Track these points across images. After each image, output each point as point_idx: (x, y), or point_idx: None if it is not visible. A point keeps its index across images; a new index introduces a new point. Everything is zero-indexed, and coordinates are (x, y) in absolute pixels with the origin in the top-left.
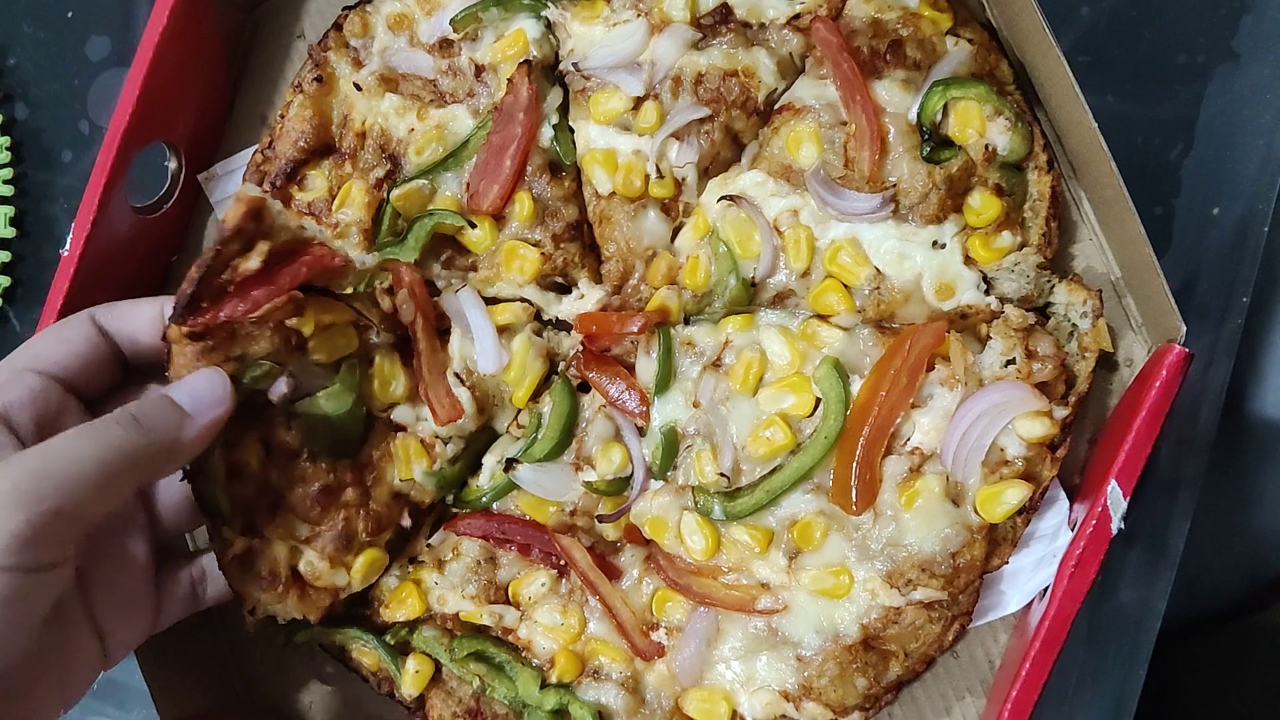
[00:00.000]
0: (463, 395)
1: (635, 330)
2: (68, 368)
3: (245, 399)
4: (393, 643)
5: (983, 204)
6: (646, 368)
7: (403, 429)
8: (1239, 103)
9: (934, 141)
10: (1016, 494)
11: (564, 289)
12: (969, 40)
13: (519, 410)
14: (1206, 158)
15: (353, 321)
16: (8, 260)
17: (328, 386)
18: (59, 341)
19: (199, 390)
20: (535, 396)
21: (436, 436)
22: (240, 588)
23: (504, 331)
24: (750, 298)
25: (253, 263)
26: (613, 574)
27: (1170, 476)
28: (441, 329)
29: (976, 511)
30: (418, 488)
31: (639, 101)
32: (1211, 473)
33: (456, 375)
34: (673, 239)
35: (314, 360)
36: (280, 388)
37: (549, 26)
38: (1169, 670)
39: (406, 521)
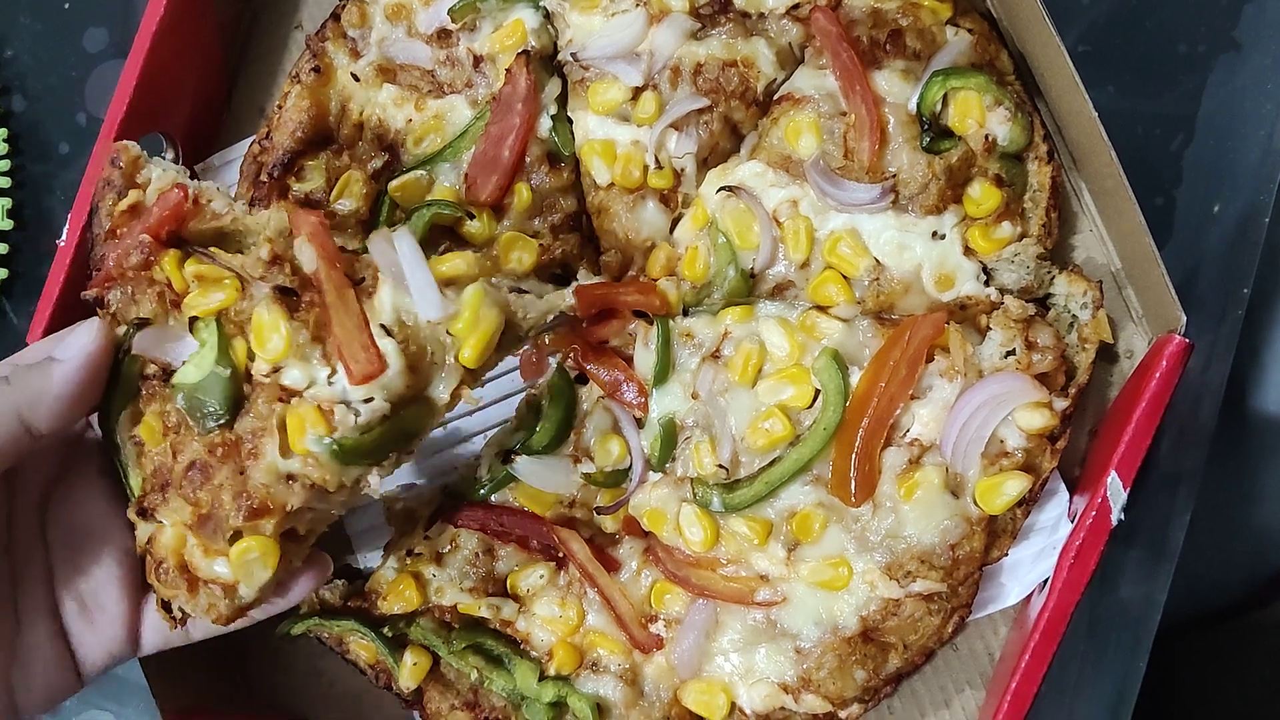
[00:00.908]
0: (387, 347)
1: (640, 296)
2: None
3: (139, 370)
4: (390, 635)
5: (983, 194)
6: (645, 359)
7: (295, 394)
8: (1240, 94)
9: (934, 132)
10: (1016, 485)
11: (563, 280)
12: (969, 30)
13: (463, 377)
14: (1207, 149)
15: (234, 274)
16: (5, 252)
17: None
18: None
19: (68, 336)
20: (484, 366)
21: (343, 402)
22: (148, 579)
23: (450, 285)
24: (749, 289)
25: (121, 205)
26: (611, 566)
27: (1170, 470)
28: (356, 281)
29: (976, 503)
30: (312, 462)
31: (638, 92)
32: (1213, 469)
33: (383, 328)
34: (672, 230)
35: (187, 319)
36: (134, 342)
37: (547, 16)
38: (1170, 666)
39: (294, 502)
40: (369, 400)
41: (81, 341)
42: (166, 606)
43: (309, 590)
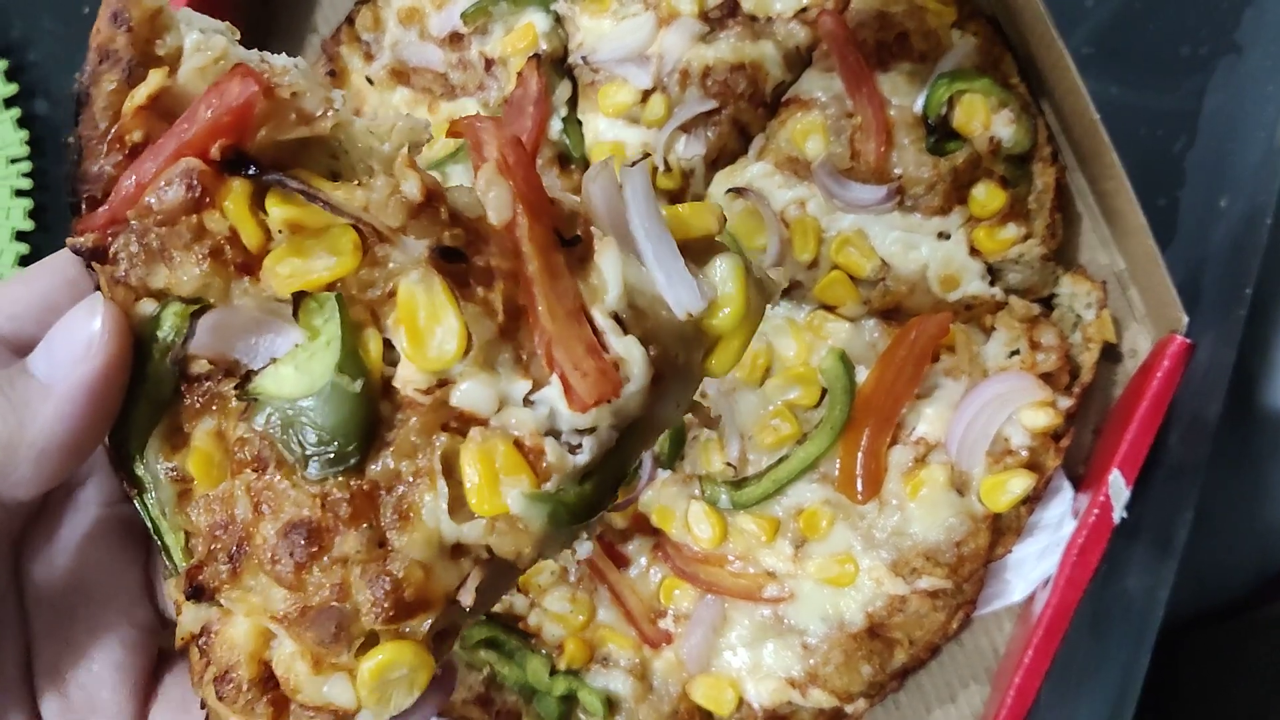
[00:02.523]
0: (631, 352)
1: None
2: None
3: (178, 368)
4: None
5: (988, 196)
6: None
7: (475, 422)
8: (1242, 95)
9: (939, 134)
10: (1021, 483)
11: None
12: (974, 33)
13: (699, 386)
14: (1209, 150)
15: (353, 224)
16: (27, 252)
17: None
18: None
19: (55, 343)
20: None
21: (551, 433)
22: (197, 688)
23: (686, 252)
24: None
25: (137, 95)
26: (621, 562)
27: (1174, 467)
28: (566, 242)
29: (981, 501)
30: (506, 527)
31: (647, 94)
32: (1219, 467)
33: (616, 318)
34: None
35: (274, 298)
36: (181, 341)
37: (558, 20)
38: (1175, 662)
39: (468, 598)
40: (590, 431)
41: (76, 343)
42: None
43: (430, 714)
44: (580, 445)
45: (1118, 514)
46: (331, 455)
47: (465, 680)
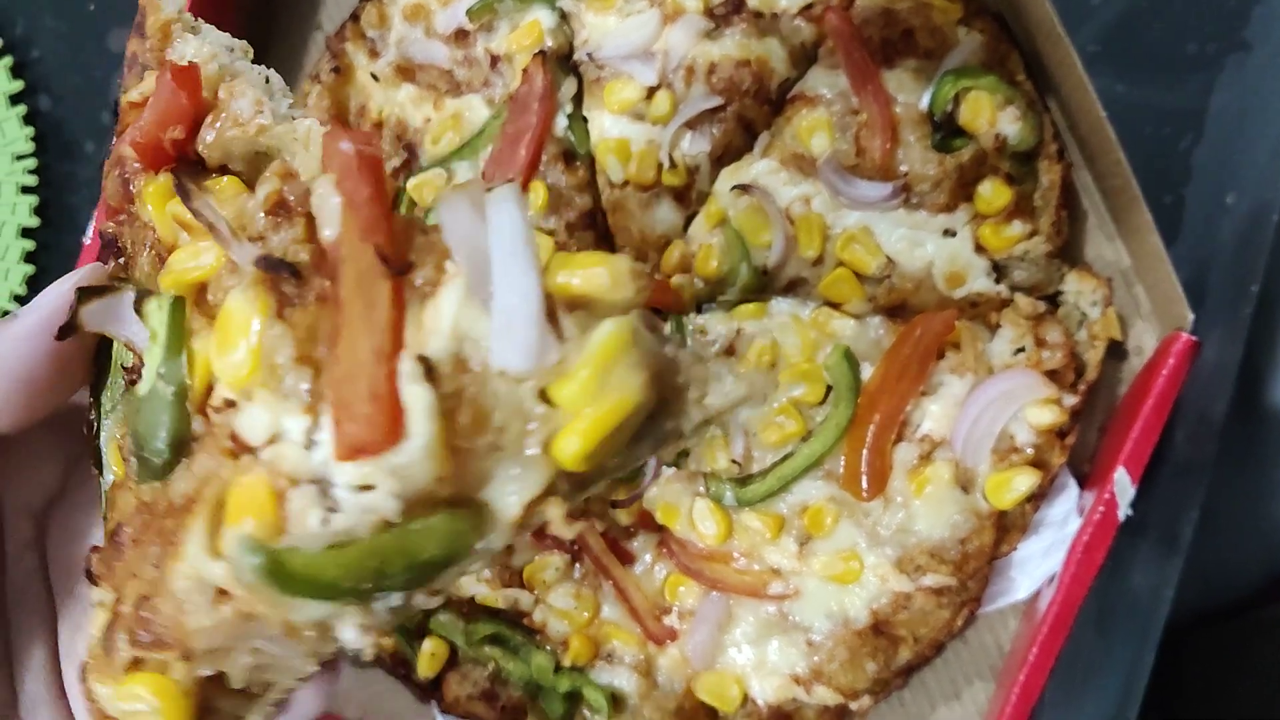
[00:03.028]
0: (415, 400)
1: (655, 294)
2: None
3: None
4: (408, 626)
5: (993, 193)
6: None
7: (247, 450)
8: (1249, 92)
9: (945, 131)
10: (1026, 481)
11: None
12: (980, 30)
13: (553, 481)
14: (1217, 147)
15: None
16: (32, 249)
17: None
18: None
19: (45, 293)
20: (598, 470)
21: (318, 481)
22: None
23: (576, 310)
24: (763, 286)
25: (130, 95)
26: (626, 559)
27: (1180, 465)
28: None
29: (986, 498)
30: (233, 576)
31: (652, 91)
32: (1226, 465)
33: (423, 362)
34: (685, 228)
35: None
36: (82, 313)
37: (564, 17)
38: (1181, 661)
39: (207, 639)
40: (365, 489)
41: (52, 293)
42: None
43: (321, 705)
44: (341, 504)
45: (1123, 511)
46: (144, 459)
47: (470, 676)
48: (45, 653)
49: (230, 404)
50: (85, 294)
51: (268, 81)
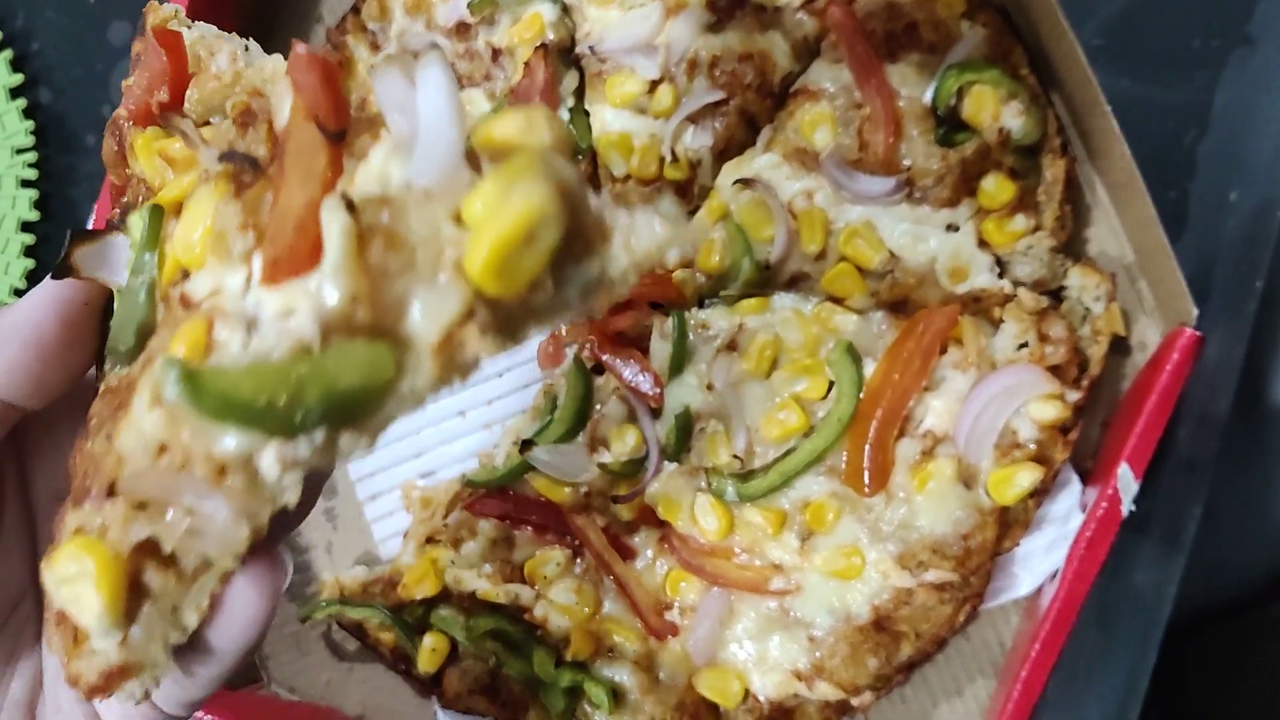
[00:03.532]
0: (332, 226)
1: (656, 288)
2: None
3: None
4: (410, 621)
5: (997, 187)
6: (661, 350)
7: (191, 305)
8: (1254, 88)
9: (948, 125)
10: (1028, 477)
11: None
12: (983, 24)
13: (470, 305)
14: (1221, 142)
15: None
16: (32, 243)
17: None
18: None
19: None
20: (526, 311)
21: (248, 319)
22: None
23: (499, 157)
24: (765, 280)
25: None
26: (627, 554)
27: (1183, 461)
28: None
29: (988, 494)
30: (164, 413)
31: (654, 85)
32: (1229, 462)
33: (345, 198)
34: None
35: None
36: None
37: (565, 10)
38: (1184, 659)
39: (138, 483)
40: (287, 316)
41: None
42: None
43: (256, 604)
44: (263, 329)
45: (1126, 508)
46: (116, 349)
47: (471, 671)
48: (27, 566)
49: (185, 275)
50: (78, 237)
51: (246, 49)
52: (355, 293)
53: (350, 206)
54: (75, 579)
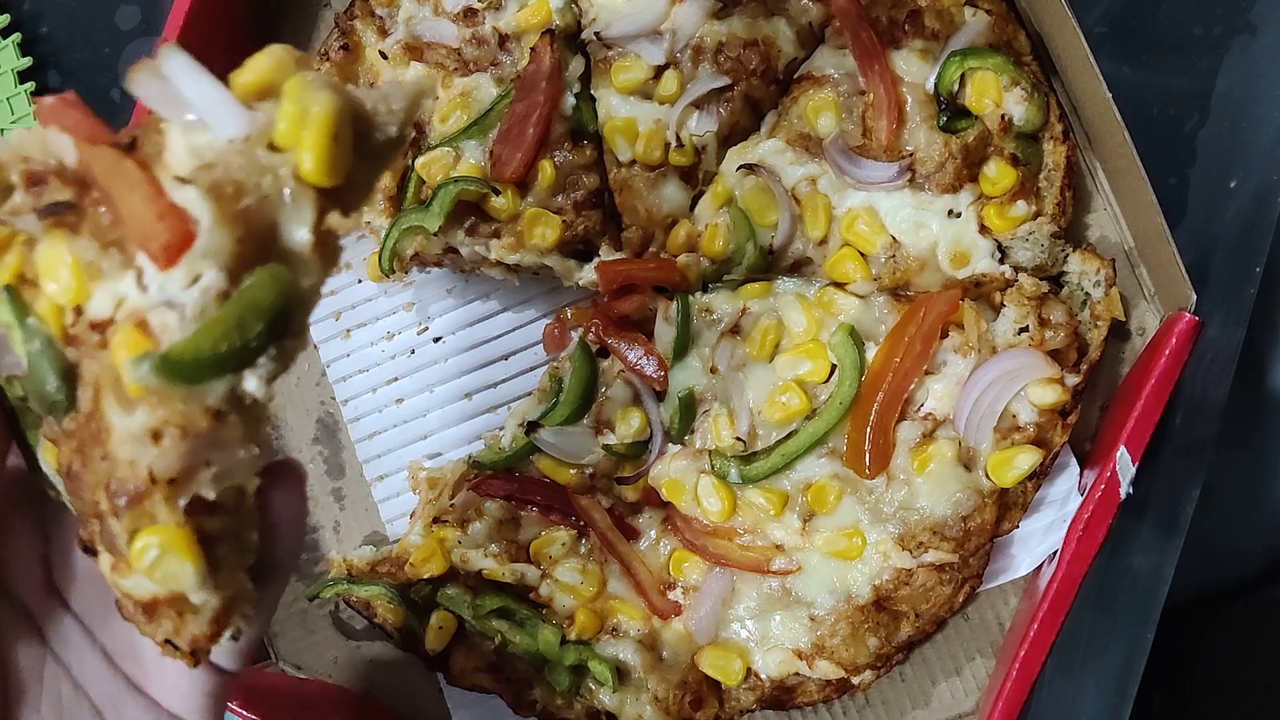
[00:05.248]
0: (187, 197)
1: (661, 272)
2: None
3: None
4: (416, 600)
5: (998, 173)
6: (665, 334)
7: (109, 325)
8: (1255, 74)
9: (951, 111)
10: (1028, 459)
11: (585, 256)
12: (986, 10)
13: (318, 202)
14: (1222, 129)
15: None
16: None
17: None
18: None
19: None
20: (354, 183)
21: (166, 304)
22: None
23: (264, 99)
24: (768, 265)
25: None
26: (631, 535)
27: (1181, 445)
28: (125, 146)
29: (988, 476)
30: (148, 398)
31: (660, 70)
32: (1228, 446)
33: (178, 180)
34: (692, 207)
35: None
36: None
37: None
38: (1183, 642)
39: (167, 464)
40: (196, 281)
41: None
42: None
43: (296, 505)
44: (186, 302)
45: (1124, 490)
46: (52, 407)
47: (478, 648)
48: (100, 661)
49: (79, 312)
50: None
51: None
52: (235, 237)
53: (187, 183)
54: (158, 562)
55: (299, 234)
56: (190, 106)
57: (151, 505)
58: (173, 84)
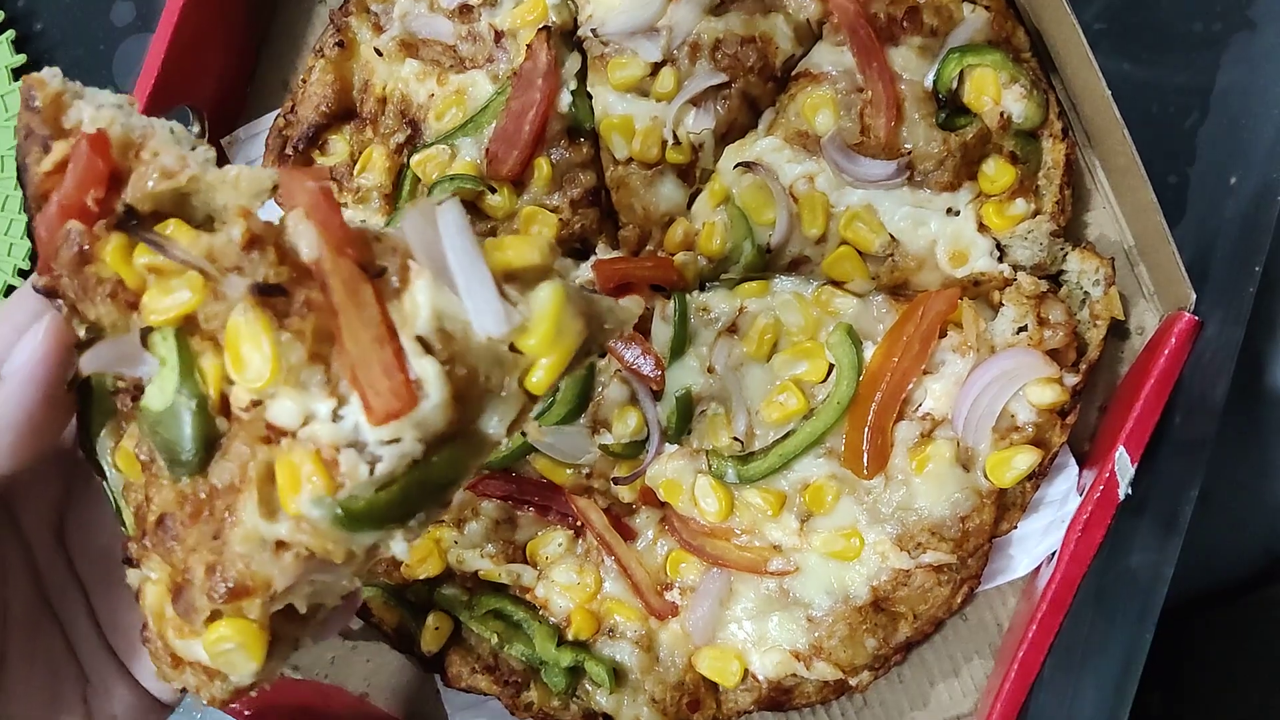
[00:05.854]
0: (426, 370)
1: (658, 271)
2: None
3: (112, 383)
4: (413, 600)
5: (997, 171)
6: (662, 333)
7: (285, 435)
8: (1254, 72)
9: (950, 109)
10: (1026, 460)
11: (582, 254)
12: (985, 7)
13: (524, 405)
14: (1221, 126)
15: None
16: None
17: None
18: None
19: (18, 341)
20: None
21: (354, 444)
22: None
23: (513, 280)
24: (765, 264)
25: (44, 163)
26: (628, 535)
27: (1180, 445)
28: (373, 274)
29: (986, 476)
30: (307, 528)
31: (656, 67)
32: (1227, 446)
33: (420, 341)
34: (689, 205)
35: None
36: (81, 360)
37: None
38: (1182, 642)
39: (282, 582)
40: (394, 442)
41: (28, 349)
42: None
43: (346, 618)
44: (379, 456)
45: (1123, 490)
46: (178, 460)
47: (474, 650)
48: (93, 630)
49: (256, 403)
50: (88, 339)
51: (172, 132)
52: (451, 418)
53: (426, 347)
54: (228, 652)
55: (495, 425)
56: (452, 275)
57: (246, 605)
58: (443, 244)
